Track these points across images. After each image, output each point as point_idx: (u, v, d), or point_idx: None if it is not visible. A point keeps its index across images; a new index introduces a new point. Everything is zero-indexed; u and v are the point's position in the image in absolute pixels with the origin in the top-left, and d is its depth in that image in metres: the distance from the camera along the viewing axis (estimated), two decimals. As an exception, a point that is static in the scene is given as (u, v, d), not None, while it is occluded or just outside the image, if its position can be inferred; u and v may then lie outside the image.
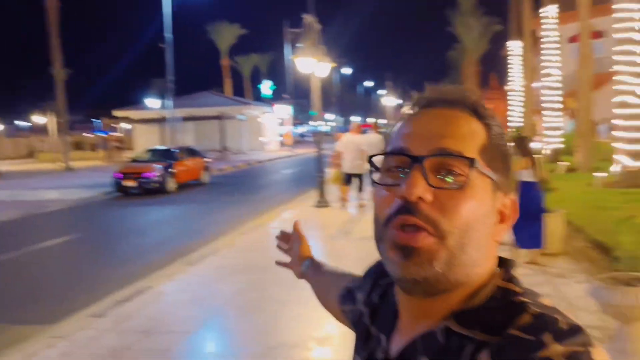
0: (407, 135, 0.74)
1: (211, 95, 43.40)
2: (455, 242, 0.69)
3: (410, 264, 0.69)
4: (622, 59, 11.88)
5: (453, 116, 0.74)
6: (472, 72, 45.02)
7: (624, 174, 11.70)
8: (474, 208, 0.70)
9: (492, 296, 0.71)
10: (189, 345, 4.75)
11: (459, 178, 0.70)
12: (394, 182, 0.72)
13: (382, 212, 0.73)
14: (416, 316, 0.76)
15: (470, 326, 0.70)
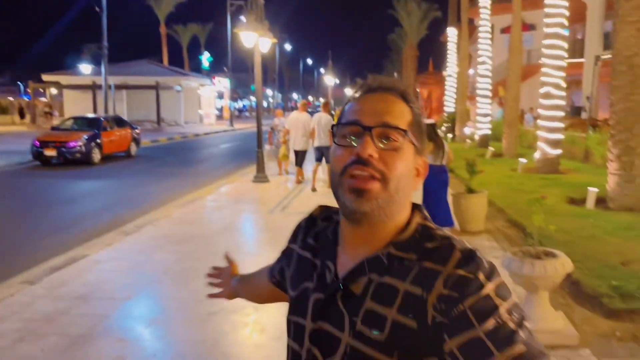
0: (358, 112, 1.00)
1: (147, 64, 42.01)
2: (393, 186, 0.96)
3: (362, 201, 0.95)
4: (549, 53, 12.65)
5: (390, 99, 1.01)
6: (411, 55, 45.96)
7: (544, 160, 12.57)
8: (404, 164, 0.98)
9: (416, 229, 1.00)
10: (127, 311, 4.83)
11: (395, 143, 0.97)
12: (349, 144, 0.98)
13: (339, 165, 0.98)
14: (359, 244, 1.01)
15: (406, 251, 0.97)
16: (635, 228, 6.76)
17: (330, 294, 1.01)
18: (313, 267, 1.08)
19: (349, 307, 0.98)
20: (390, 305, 0.94)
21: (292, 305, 1.11)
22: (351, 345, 0.96)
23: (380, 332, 0.93)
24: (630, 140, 8.06)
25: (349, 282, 0.99)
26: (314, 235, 1.13)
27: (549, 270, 3.96)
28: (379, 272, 0.97)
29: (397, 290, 0.94)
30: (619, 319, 4.37)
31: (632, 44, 7.97)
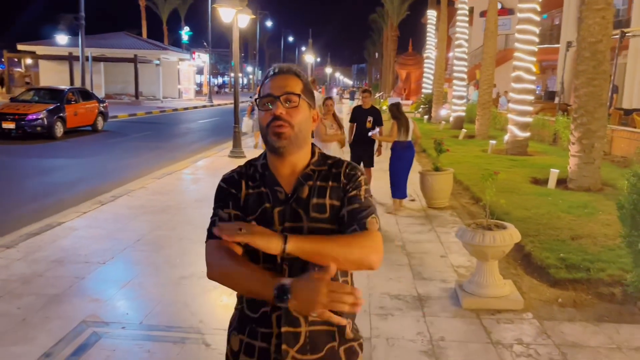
0: (270, 87, 1.62)
1: (126, 37, 41.32)
2: (297, 128, 1.59)
3: (281, 139, 1.58)
4: (521, 37, 12.95)
5: (288, 77, 1.63)
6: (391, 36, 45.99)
7: (513, 142, 12.96)
8: (302, 114, 1.62)
9: (319, 154, 1.69)
10: (102, 274, 5.03)
11: (294, 103, 1.60)
12: (268, 109, 1.61)
13: (264, 122, 1.61)
14: (287, 170, 1.64)
15: (320, 166, 1.66)
16: (589, 206, 7.15)
17: (288, 203, 1.59)
18: (262, 194, 1.62)
19: (301, 206, 1.59)
20: (324, 196, 1.61)
21: (257, 222, 1.54)
22: (309, 227, 1.57)
23: (324, 213, 1.59)
24: (591, 123, 8.43)
25: (297, 192, 1.60)
26: (250, 178, 1.66)
27: (498, 240, 4.27)
28: (311, 180, 1.62)
29: (326, 187, 1.62)
30: (563, 288, 4.73)
31: (596, 31, 8.28)
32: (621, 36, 13.34)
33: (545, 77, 34.10)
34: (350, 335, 1.62)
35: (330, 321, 1.38)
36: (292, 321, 1.52)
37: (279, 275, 1.46)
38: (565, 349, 3.70)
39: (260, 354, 1.56)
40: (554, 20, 31.86)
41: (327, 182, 1.61)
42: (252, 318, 1.58)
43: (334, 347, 1.57)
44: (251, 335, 1.59)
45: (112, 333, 3.85)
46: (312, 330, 1.54)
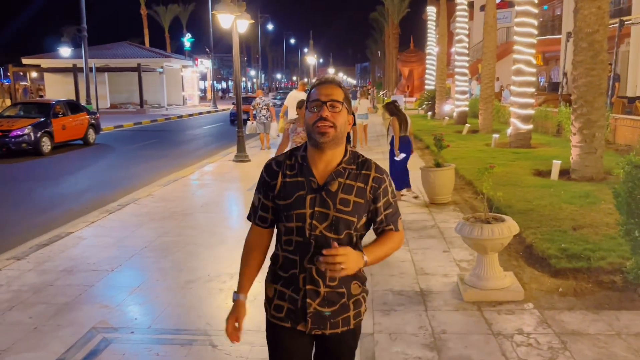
0: (319, 94, 1.96)
1: (128, 46, 41.64)
2: (338, 129, 1.95)
3: (325, 137, 1.92)
4: (520, 30, 12.96)
5: (333, 87, 1.98)
6: (393, 34, 45.98)
7: (515, 135, 12.97)
8: (343, 118, 1.97)
9: (351, 154, 2.03)
10: (111, 281, 5.14)
11: (337, 109, 1.95)
12: (316, 111, 1.95)
13: (311, 121, 1.94)
14: (324, 165, 1.98)
15: (350, 164, 2.00)
16: (590, 196, 7.18)
17: (319, 192, 1.95)
18: (300, 183, 1.98)
19: (331, 197, 1.95)
20: (351, 194, 1.96)
21: (291, 205, 1.96)
22: (335, 216, 1.94)
23: (348, 207, 1.95)
24: (591, 113, 8.45)
25: (327, 185, 1.95)
26: (290, 167, 2.01)
27: (496, 233, 4.33)
28: (342, 177, 1.97)
29: (353, 186, 1.97)
30: (564, 277, 4.78)
31: (592, 21, 8.31)
32: (620, 25, 13.32)
33: (548, 69, 33.97)
34: (357, 291, 2.07)
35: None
36: (314, 281, 1.98)
37: (307, 248, 1.96)
38: (565, 337, 3.76)
39: (290, 300, 2.02)
40: (555, 11, 31.76)
41: (355, 181, 1.98)
42: (284, 277, 2.03)
43: (344, 302, 2.03)
44: (284, 285, 2.03)
45: (122, 338, 3.96)
46: (328, 291, 1.99)
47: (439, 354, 3.60)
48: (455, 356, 3.57)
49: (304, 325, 2.01)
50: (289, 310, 2.02)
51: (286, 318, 2.03)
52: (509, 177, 8.88)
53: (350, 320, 2.06)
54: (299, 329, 2.02)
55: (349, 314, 2.04)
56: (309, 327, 2.01)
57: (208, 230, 6.86)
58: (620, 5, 23.77)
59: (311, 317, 1.99)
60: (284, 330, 2.05)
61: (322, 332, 2.03)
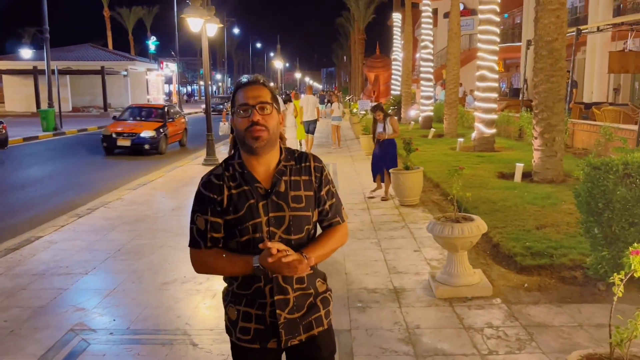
0: (246, 97, 1.89)
1: (91, 49, 40.77)
2: (271, 131, 1.88)
3: (259, 141, 1.86)
4: (483, 38, 13.38)
5: (258, 87, 1.90)
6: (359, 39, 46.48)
7: (480, 139, 13.36)
8: (274, 119, 1.91)
9: (286, 151, 1.99)
10: (85, 284, 5.12)
11: (266, 110, 1.89)
12: (244, 116, 1.88)
13: (243, 127, 1.87)
14: (264, 167, 1.92)
15: (289, 161, 1.97)
16: (552, 197, 7.50)
17: (269, 197, 1.88)
18: (246, 192, 1.89)
19: (282, 198, 1.89)
20: (299, 189, 1.93)
21: (244, 217, 1.86)
22: (291, 216, 1.89)
23: (301, 203, 1.92)
24: (551, 118, 8.81)
25: (275, 186, 1.90)
26: (231, 178, 1.91)
27: (466, 232, 4.52)
28: (285, 175, 1.93)
29: (299, 181, 1.94)
30: (529, 274, 5.02)
31: (552, 30, 8.68)
32: (577, 33, 13.90)
33: (509, 75, 34.96)
34: (323, 288, 2.04)
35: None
36: (282, 290, 1.90)
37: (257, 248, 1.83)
38: (532, 329, 3.97)
39: (257, 319, 1.92)
40: (514, 19, 32.73)
41: (300, 176, 1.95)
42: (246, 294, 1.93)
43: (311, 302, 1.98)
44: (248, 305, 1.93)
45: (101, 339, 3.97)
46: (296, 295, 1.93)
47: (414, 347, 3.75)
48: (429, 349, 3.72)
49: (275, 341, 1.92)
50: (256, 331, 1.92)
51: (254, 340, 1.93)
52: (475, 179, 9.17)
53: (323, 319, 2.00)
54: (270, 347, 1.93)
55: (320, 314, 1.99)
56: (284, 339, 1.91)
57: (181, 232, 6.87)
58: (577, 14, 24.73)
59: (284, 327, 1.90)
60: (253, 352, 1.95)
61: (299, 340, 1.94)
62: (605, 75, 19.99)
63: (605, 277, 4.44)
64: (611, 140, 10.15)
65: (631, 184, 4.31)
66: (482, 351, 3.67)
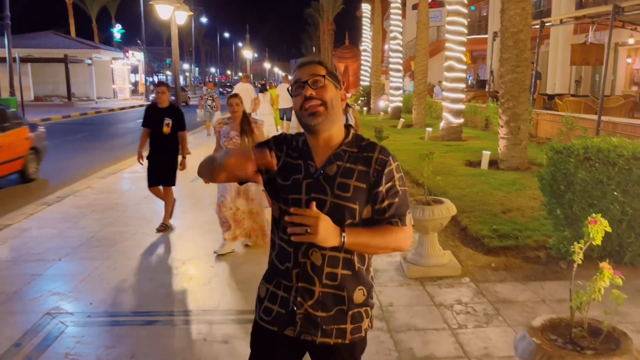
0: (300, 75, 1.80)
1: (53, 36, 39.69)
2: (329, 105, 1.77)
3: (316, 117, 1.76)
4: (451, 29, 13.63)
5: (313, 65, 1.81)
6: (328, 30, 46.52)
7: (448, 129, 13.65)
8: (331, 92, 1.79)
9: (353, 136, 1.85)
10: (60, 270, 5.10)
11: (320, 84, 1.78)
12: (299, 93, 1.79)
13: (298, 104, 1.79)
14: (323, 149, 1.81)
15: (351, 147, 1.82)
16: (517, 183, 7.77)
17: (316, 177, 1.78)
18: (298, 166, 1.82)
19: (328, 182, 1.77)
20: (351, 178, 1.77)
21: (287, 188, 1.80)
22: (332, 202, 1.74)
23: (347, 192, 1.76)
24: (517, 107, 9.10)
25: (325, 169, 1.78)
26: (292, 149, 1.86)
27: (436, 214, 4.69)
28: (341, 160, 1.79)
29: (354, 169, 1.78)
30: (495, 254, 5.23)
31: (517, 21, 8.94)
32: (541, 26, 14.26)
33: (476, 67, 35.57)
34: (360, 300, 1.84)
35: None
36: (308, 278, 1.78)
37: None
38: (498, 304, 4.17)
39: (282, 302, 1.84)
40: (481, 12, 33.31)
41: (356, 164, 1.77)
42: (279, 270, 1.84)
43: (343, 310, 1.80)
44: (276, 286, 1.86)
45: (79, 321, 3.99)
46: (324, 292, 1.78)
47: (387, 323, 3.90)
48: (402, 325, 3.88)
49: (292, 330, 1.82)
50: (277, 314, 1.85)
51: (274, 322, 1.86)
52: (443, 167, 9.40)
53: (347, 333, 1.82)
54: (286, 334, 1.84)
55: (345, 326, 1.82)
56: (297, 331, 1.81)
57: (154, 220, 6.86)
58: (541, 7, 25.34)
59: (301, 319, 1.80)
60: (269, 334, 1.88)
61: (312, 339, 1.81)
62: (567, 67, 20.61)
63: (567, 256, 4.67)
64: (573, 130, 10.53)
65: (591, 167, 4.55)
66: (452, 325, 3.85)
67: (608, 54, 11.21)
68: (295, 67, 1.87)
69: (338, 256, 1.77)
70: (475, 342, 3.61)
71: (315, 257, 1.76)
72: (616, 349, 2.21)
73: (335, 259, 1.77)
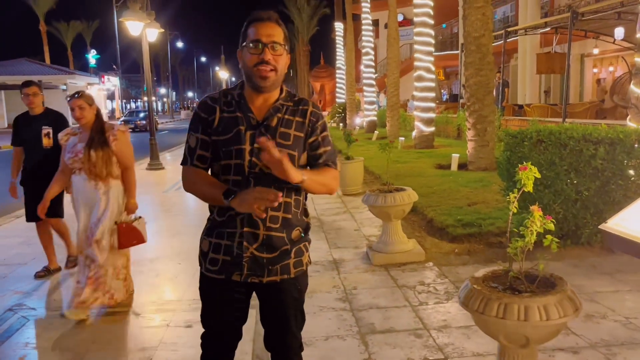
0: (257, 34, 1.86)
1: (27, 63, 39.51)
2: (279, 72, 1.90)
3: (266, 81, 1.87)
4: (419, 40, 13.96)
5: (273, 26, 1.88)
6: (303, 51, 47.06)
7: (420, 137, 13.87)
8: (284, 60, 1.92)
9: (287, 92, 2.01)
10: (24, 272, 5.05)
11: (278, 51, 1.87)
12: (255, 52, 1.86)
13: (251, 63, 1.86)
14: (262, 103, 1.95)
15: (287, 101, 1.98)
16: (484, 181, 7.94)
17: (259, 128, 1.90)
18: (237, 118, 1.92)
19: (270, 132, 1.90)
20: (290, 128, 1.94)
21: (230, 140, 1.89)
22: None
23: (288, 141, 1.92)
24: (482, 109, 9.33)
25: (266, 120, 1.92)
26: (226, 104, 1.96)
27: (398, 200, 4.80)
28: (280, 113, 1.95)
29: (292, 120, 1.95)
30: (459, 242, 5.33)
31: (478, 26, 9.22)
32: (505, 35, 14.71)
33: (450, 83, 36.26)
34: (298, 237, 2.01)
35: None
36: (253, 223, 1.90)
37: (245, 186, 1.86)
38: (460, 284, 4.25)
39: (226, 250, 1.94)
40: (452, 29, 34.08)
41: (294, 116, 1.95)
42: (220, 222, 1.95)
43: (286, 249, 1.96)
44: (218, 236, 1.96)
45: (42, 315, 3.98)
46: (268, 234, 1.92)
47: (350, 304, 3.96)
48: (364, 304, 3.94)
49: (238, 274, 1.94)
50: (223, 262, 1.95)
51: (220, 270, 1.96)
52: (414, 170, 9.56)
53: (290, 268, 1.98)
54: (234, 279, 1.95)
55: (288, 262, 1.97)
56: (245, 274, 1.93)
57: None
58: (509, 23, 26.06)
59: (247, 261, 1.92)
60: (218, 283, 1.98)
61: (260, 280, 1.95)
62: (536, 78, 21.16)
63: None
64: (539, 132, 10.79)
65: (544, 149, 4.71)
66: (414, 303, 3.92)
67: (569, 58, 11.58)
68: (252, 18, 1.91)
69: (281, 201, 1.85)
70: (434, 316, 3.68)
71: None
72: (551, 290, 2.30)
73: (278, 204, 1.84)
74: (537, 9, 21.25)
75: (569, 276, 2.27)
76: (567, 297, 2.25)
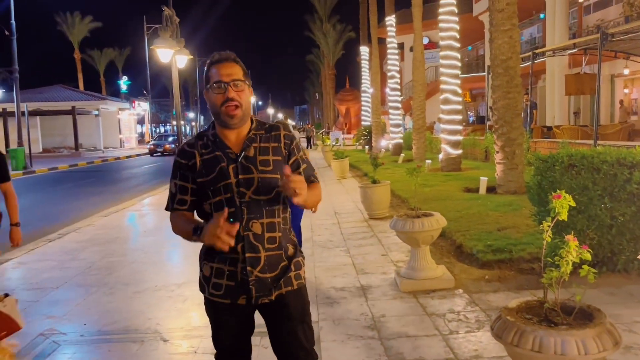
0: (219, 74, 2.03)
1: (62, 90, 40.82)
2: (244, 107, 2.06)
3: (234, 118, 2.04)
4: (445, 63, 13.95)
5: (233, 65, 2.05)
6: (329, 75, 47.51)
7: (446, 160, 13.76)
8: (247, 95, 2.08)
9: (257, 122, 2.16)
10: (56, 296, 5.13)
11: (240, 87, 2.05)
12: (220, 92, 2.02)
13: (218, 103, 2.03)
14: (236, 137, 2.09)
15: (259, 130, 2.14)
16: (513, 204, 7.80)
17: (239, 160, 2.04)
18: (218, 157, 2.06)
19: (250, 162, 2.04)
20: (268, 154, 2.08)
21: (215, 179, 2.02)
22: (259, 177, 2.03)
23: (269, 166, 2.06)
24: (511, 132, 9.22)
25: (245, 151, 2.06)
26: (203, 146, 2.09)
27: (426, 226, 4.73)
28: (255, 142, 2.09)
29: (268, 147, 2.09)
30: (490, 268, 5.23)
31: (505, 49, 9.17)
32: (533, 57, 14.59)
33: (476, 105, 36.03)
34: (293, 253, 2.17)
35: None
36: (253, 247, 2.03)
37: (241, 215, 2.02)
38: (491, 312, 4.15)
39: (229, 276, 2.07)
40: (478, 51, 34.01)
41: (269, 142, 2.11)
42: (220, 252, 2.00)
43: (285, 265, 2.12)
44: (220, 261, 2.08)
45: (71, 340, 4.01)
46: (268, 255, 2.06)
47: (378, 332, 3.89)
48: (393, 333, 3.87)
49: (244, 298, 2.05)
50: (227, 287, 2.06)
51: (225, 295, 2.07)
52: (441, 193, 9.46)
53: (292, 280, 2.12)
54: (239, 304, 2.07)
55: (289, 275, 2.11)
56: (254, 296, 2.04)
57: (153, 250, 6.93)
58: (536, 44, 25.89)
59: (254, 285, 2.03)
60: (224, 306, 2.09)
61: (269, 300, 2.06)
62: (565, 99, 20.89)
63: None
64: (569, 154, 10.59)
65: (576, 173, 4.61)
66: (444, 332, 3.83)
67: (599, 79, 11.39)
68: (212, 60, 2.07)
69: (274, 221, 2.08)
70: (465, 346, 3.59)
71: (255, 227, 2.03)
72: (589, 323, 2.22)
73: (272, 224, 2.07)
74: (565, 29, 21.08)
75: (605, 305, 2.19)
76: (606, 330, 2.17)
